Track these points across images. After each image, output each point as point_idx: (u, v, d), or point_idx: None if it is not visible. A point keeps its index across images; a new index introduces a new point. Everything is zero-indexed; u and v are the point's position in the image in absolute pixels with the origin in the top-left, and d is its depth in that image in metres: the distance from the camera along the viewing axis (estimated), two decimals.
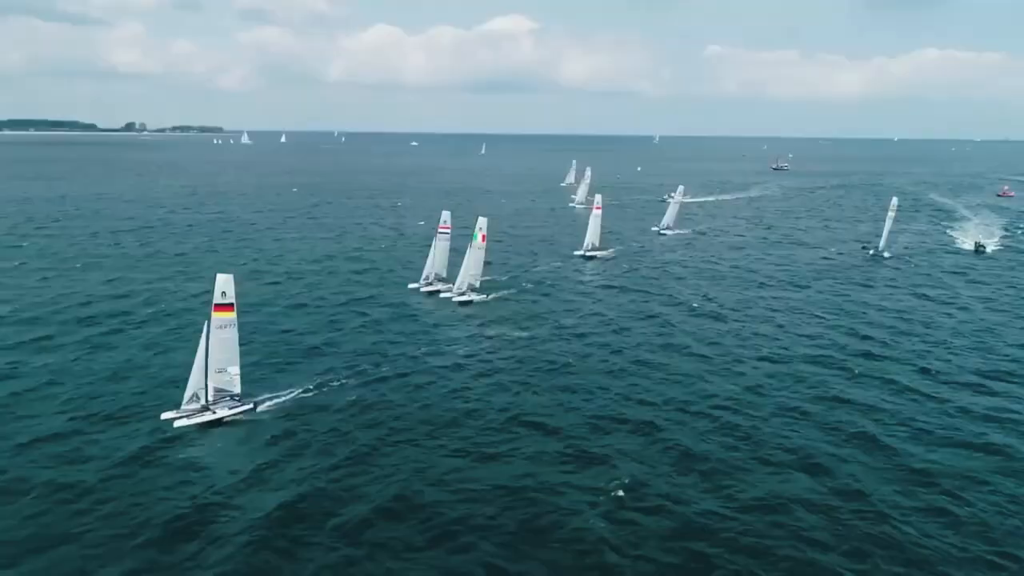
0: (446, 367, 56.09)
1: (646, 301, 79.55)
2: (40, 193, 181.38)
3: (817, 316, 74.11)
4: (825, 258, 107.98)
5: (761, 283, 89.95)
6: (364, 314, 70.18)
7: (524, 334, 65.01)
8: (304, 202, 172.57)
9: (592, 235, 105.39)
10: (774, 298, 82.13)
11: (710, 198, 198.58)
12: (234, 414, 44.69)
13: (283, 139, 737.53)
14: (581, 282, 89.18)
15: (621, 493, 37.51)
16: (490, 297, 77.25)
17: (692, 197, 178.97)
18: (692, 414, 48.16)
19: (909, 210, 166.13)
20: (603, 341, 63.97)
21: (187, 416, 43.44)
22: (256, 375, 51.14)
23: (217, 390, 44.78)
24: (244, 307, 62.31)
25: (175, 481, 37.85)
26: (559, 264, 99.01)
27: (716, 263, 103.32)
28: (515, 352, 60.06)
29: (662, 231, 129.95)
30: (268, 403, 47.06)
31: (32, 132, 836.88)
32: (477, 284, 77.45)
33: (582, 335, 65.52)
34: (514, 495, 37.47)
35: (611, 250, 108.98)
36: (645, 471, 40.03)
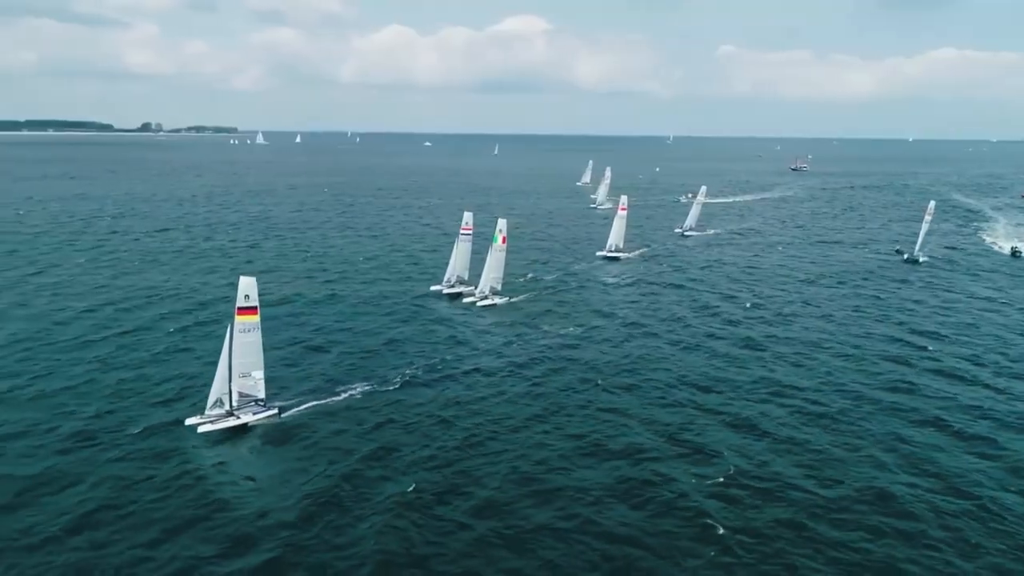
0: (474, 370, 54.65)
1: (678, 301, 78.21)
2: (79, 192, 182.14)
3: (866, 315, 72.92)
4: (860, 260, 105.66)
5: (801, 281, 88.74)
6: (388, 317, 69.01)
7: (552, 336, 63.45)
8: (339, 202, 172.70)
9: (616, 236, 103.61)
10: (820, 298, 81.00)
11: (733, 199, 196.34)
12: (259, 419, 43.66)
13: (298, 139, 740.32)
14: (607, 283, 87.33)
15: (721, 479, 38.85)
16: (513, 300, 75.65)
17: (714, 198, 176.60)
18: (766, 406, 48.82)
19: (936, 211, 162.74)
20: (635, 343, 62.73)
21: (211, 422, 42.37)
22: (281, 379, 50.19)
23: (242, 395, 43.70)
24: (273, 308, 63.14)
25: (200, 490, 36.88)
26: (583, 265, 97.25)
27: (745, 264, 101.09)
28: (546, 354, 58.67)
29: (685, 232, 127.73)
30: (293, 408, 46.05)
31: (50, 132, 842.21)
32: (499, 287, 76.02)
33: (611, 337, 64.13)
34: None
35: (635, 252, 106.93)
36: (742, 459, 41.12)
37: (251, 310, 43.39)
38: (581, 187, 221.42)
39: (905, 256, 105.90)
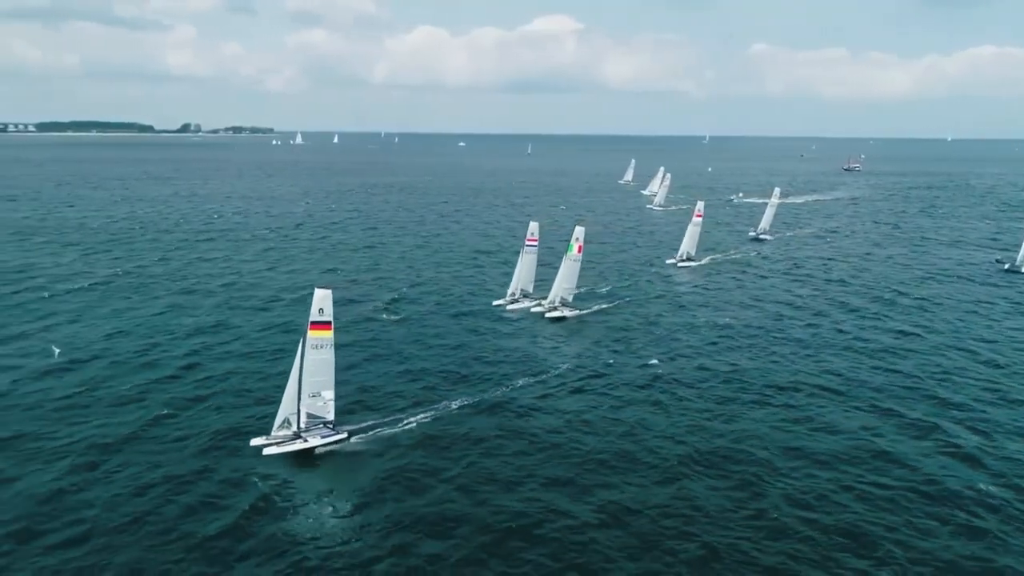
0: (549, 393, 49.41)
1: (777, 315, 70.94)
2: (167, 193, 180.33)
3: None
4: (958, 265, 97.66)
5: (897, 291, 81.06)
6: (457, 334, 62.92)
7: (630, 354, 57.46)
8: (428, 203, 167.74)
9: (689, 243, 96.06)
10: (928, 303, 75.25)
11: (804, 199, 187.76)
12: (327, 443, 40.41)
13: (335, 140, 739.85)
14: (683, 294, 79.98)
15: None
16: (584, 312, 69.18)
17: (784, 198, 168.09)
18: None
19: (1014, 213, 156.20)
20: (730, 359, 56.76)
21: (277, 444, 39.69)
22: (347, 399, 45.42)
23: (310, 416, 40.86)
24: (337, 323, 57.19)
25: (266, 519, 33.77)
26: (652, 274, 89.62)
27: (839, 271, 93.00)
28: (626, 375, 52.81)
29: (759, 236, 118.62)
30: (363, 434, 42.21)
31: (94, 133, 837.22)
32: (570, 298, 69.73)
33: (701, 350, 58.66)
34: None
35: (706, 258, 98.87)
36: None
37: (325, 325, 40.16)
38: (623, 185, 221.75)
39: (1007, 266, 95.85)
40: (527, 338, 62.12)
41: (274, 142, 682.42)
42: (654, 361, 55.73)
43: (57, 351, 54.90)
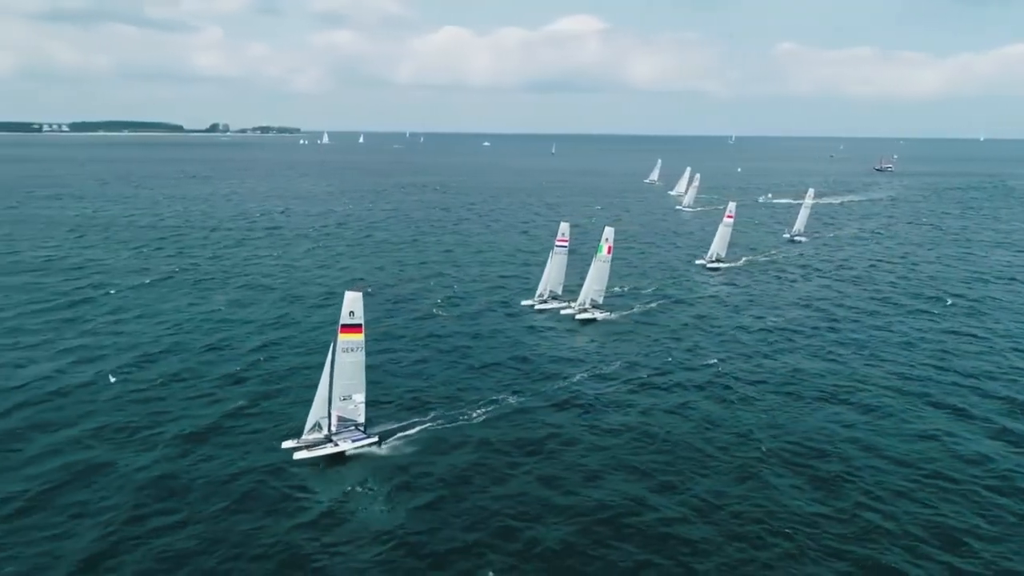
0: (581, 397, 48.96)
1: (830, 315, 70.47)
2: (206, 192, 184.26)
3: None
4: (1007, 266, 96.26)
5: (948, 292, 79.91)
6: (486, 336, 62.97)
7: (659, 357, 56.98)
8: (459, 202, 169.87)
9: (719, 245, 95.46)
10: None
11: (841, 199, 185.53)
12: (357, 447, 40.31)
13: (361, 139, 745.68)
14: (715, 296, 79.11)
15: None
16: (613, 314, 68.90)
17: (819, 198, 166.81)
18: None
19: None
20: (789, 359, 56.17)
21: (307, 448, 39.59)
22: (377, 402, 45.58)
23: (341, 419, 40.58)
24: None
25: (293, 524, 33.64)
26: (683, 275, 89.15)
27: (886, 271, 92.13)
28: (657, 379, 52.26)
29: (794, 238, 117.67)
30: (393, 437, 41.87)
31: (126, 133, 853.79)
32: (600, 300, 69.47)
33: (758, 349, 58.13)
34: None
35: (740, 260, 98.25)
36: None
37: (355, 328, 39.82)
38: (649, 185, 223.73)
39: None
40: (557, 341, 61.89)
41: (301, 142, 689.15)
42: (712, 360, 55.90)
43: (130, 346, 56.81)
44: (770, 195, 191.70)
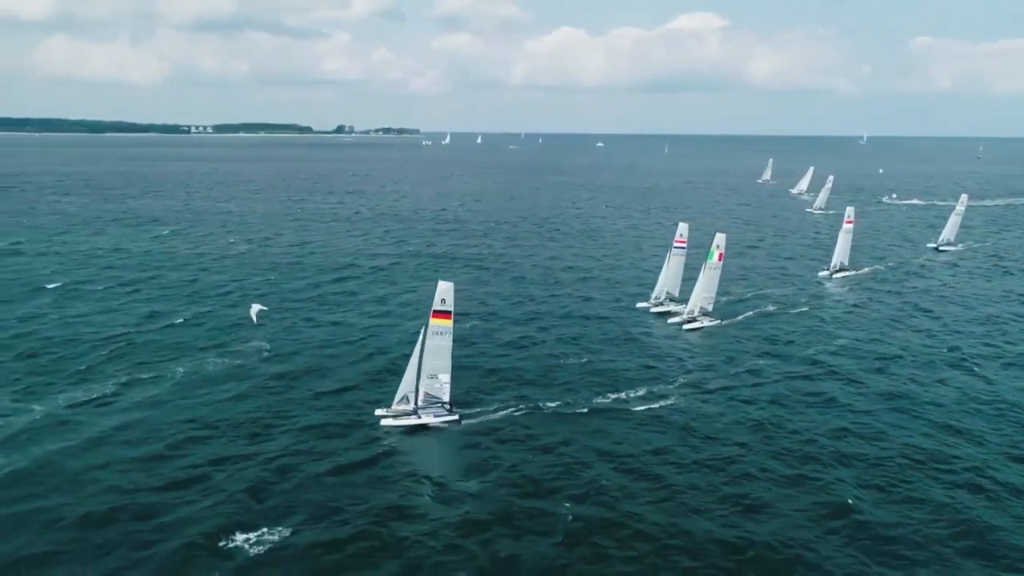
0: (673, 405, 49.11)
1: (936, 331, 66.37)
2: (382, 189, 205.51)
3: None
4: None
5: None
6: (588, 335, 64.62)
7: (767, 372, 55.70)
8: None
9: (841, 253, 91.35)
10: None
11: (990, 203, 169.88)
12: (439, 422, 44.88)
13: (479, 140, 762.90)
14: (835, 309, 75.77)
15: None
16: (724, 323, 68.55)
17: (978, 200, 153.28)
18: None
19: None
20: (883, 386, 53.05)
21: (394, 416, 44.85)
22: (469, 387, 50.17)
23: (427, 395, 45.29)
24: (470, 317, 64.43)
25: (375, 477, 38.79)
26: (801, 286, 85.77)
27: None
28: (761, 395, 51.23)
29: (941, 247, 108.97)
30: (474, 418, 45.96)
31: (262, 134, 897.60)
32: (710, 308, 69.40)
33: (847, 375, 55.11)
34: None
35: (865, 269, 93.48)
36: None
37: (445, 314, 44.37)
38: (761, 185, 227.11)
39: None
40: (660, 346, 62.22)
41: (425, 143, 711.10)
42: (818, 372, 55.15)
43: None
44: (894, 195, 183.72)
